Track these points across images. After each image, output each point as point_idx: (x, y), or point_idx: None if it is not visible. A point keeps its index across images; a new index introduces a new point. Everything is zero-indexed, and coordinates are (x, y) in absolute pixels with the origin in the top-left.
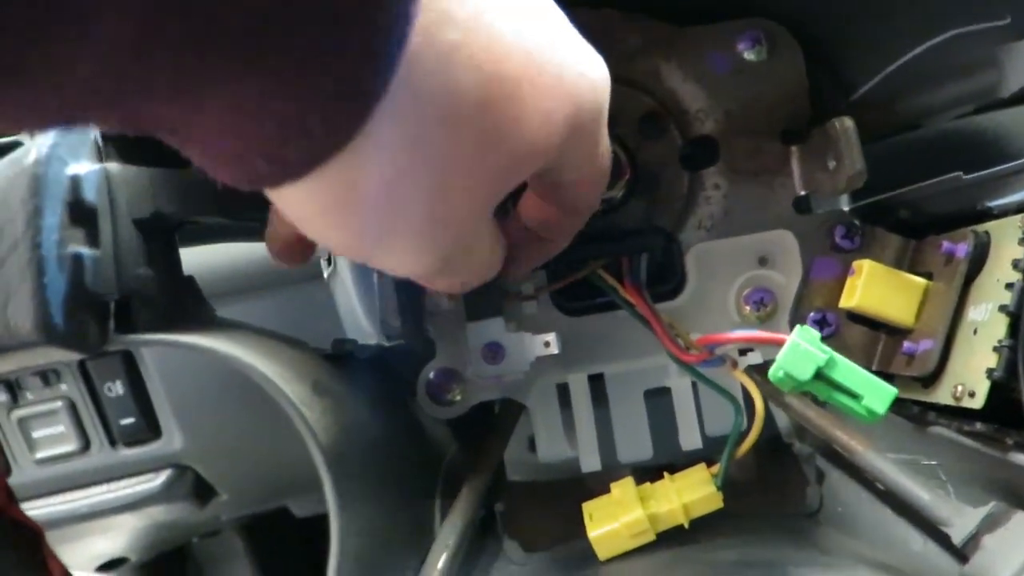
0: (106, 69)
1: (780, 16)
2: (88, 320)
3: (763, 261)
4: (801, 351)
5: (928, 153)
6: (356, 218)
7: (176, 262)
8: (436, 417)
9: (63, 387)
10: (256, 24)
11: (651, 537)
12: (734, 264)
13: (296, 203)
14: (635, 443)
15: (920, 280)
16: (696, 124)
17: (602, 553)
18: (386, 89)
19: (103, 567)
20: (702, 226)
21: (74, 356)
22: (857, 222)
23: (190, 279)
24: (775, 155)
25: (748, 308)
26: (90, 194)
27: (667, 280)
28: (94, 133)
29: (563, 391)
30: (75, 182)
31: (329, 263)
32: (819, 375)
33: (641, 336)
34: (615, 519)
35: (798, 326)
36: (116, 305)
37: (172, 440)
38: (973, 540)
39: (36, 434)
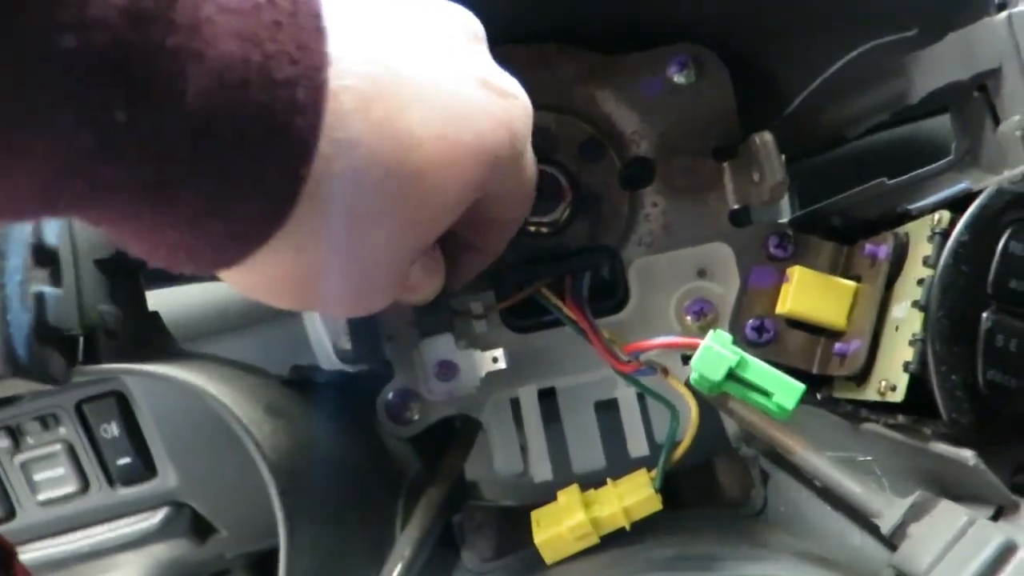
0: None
1: (707, 40)
2: (51, 354)
3: (702, 273)
4: (713, 353)
5: (861, 164)
6: (289, 295)
7: (140, 298)
8: (397, 436)
9: (61, 430)
10: (155, 179)
11: (595, 540)
12: (674, 277)
13: (233, 281)
14: (588, 453)
15: (849, 283)
16: (632, 146)
17: (548, 557)
18: (289, 210)
19: None
20: (643, 242)
21: (39, 387)
22: (790, 231)
23: (154, 314)
24: (709, 172)
25: (689, 319)
26: (52, 238)
27: (612, 295)
28: None
29: (516, 406)
30: (37, 226)
31: None
32: (731, 375)
33: (589, 350)
34: (559, 524)
35: (711, 331)
36: (83, 340)
37: (167, 478)
38: (900, 529)
39: (37, 477)
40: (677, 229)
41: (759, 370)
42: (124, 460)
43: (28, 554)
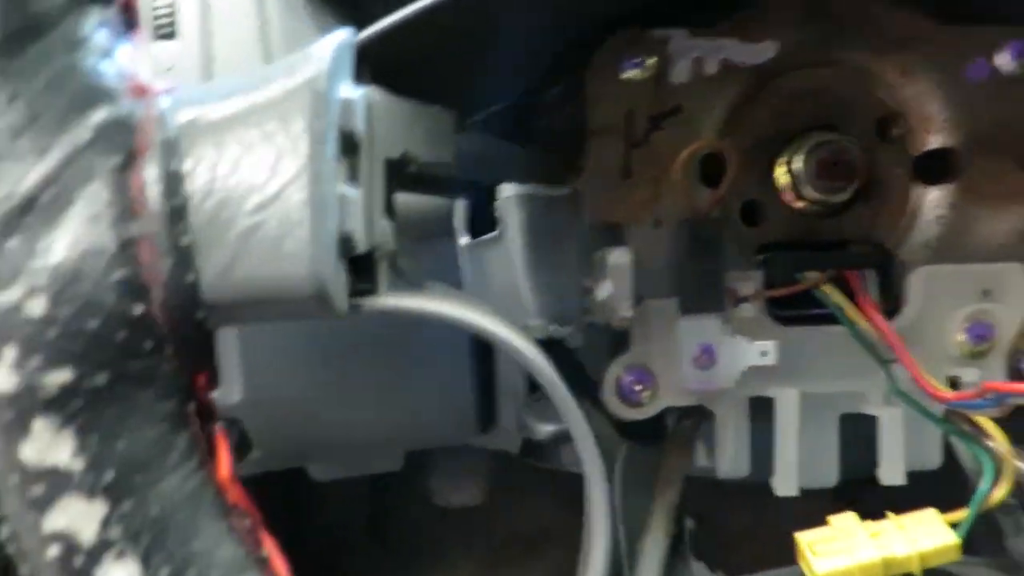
0: None
1: None
2: (345, 273)
3: (987, 293)
4: None
5: None
6: None
7: (395, 215)
8: (621, 417)
9: None
10: None
11: None
12: (958, 293)
13: None
14: (822, 468)
15: None
16: (938, 134)
17: None
18: None
19: None
20: (928, 246)
21: (320, 315)
22: None
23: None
24: (1022, 182)
25: (964, 340)
26: (358, 123)
27: (882, 299)
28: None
29: (755, 404)
30: (346, 107)
31: (495, 227)
32: None
33: (848, 356)
34: (847, 557)
35: None
36: (356, 260)
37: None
38: None
39: None
40: (969, 239)
41: None
42: None
43: None
